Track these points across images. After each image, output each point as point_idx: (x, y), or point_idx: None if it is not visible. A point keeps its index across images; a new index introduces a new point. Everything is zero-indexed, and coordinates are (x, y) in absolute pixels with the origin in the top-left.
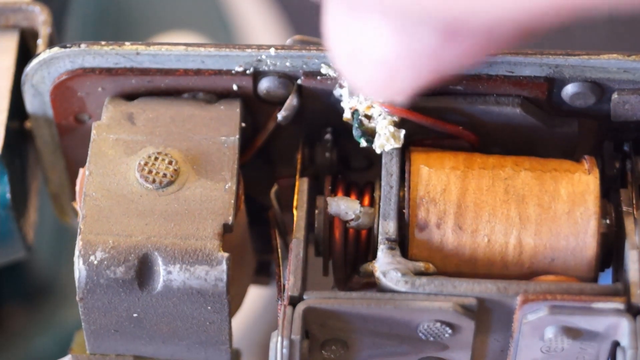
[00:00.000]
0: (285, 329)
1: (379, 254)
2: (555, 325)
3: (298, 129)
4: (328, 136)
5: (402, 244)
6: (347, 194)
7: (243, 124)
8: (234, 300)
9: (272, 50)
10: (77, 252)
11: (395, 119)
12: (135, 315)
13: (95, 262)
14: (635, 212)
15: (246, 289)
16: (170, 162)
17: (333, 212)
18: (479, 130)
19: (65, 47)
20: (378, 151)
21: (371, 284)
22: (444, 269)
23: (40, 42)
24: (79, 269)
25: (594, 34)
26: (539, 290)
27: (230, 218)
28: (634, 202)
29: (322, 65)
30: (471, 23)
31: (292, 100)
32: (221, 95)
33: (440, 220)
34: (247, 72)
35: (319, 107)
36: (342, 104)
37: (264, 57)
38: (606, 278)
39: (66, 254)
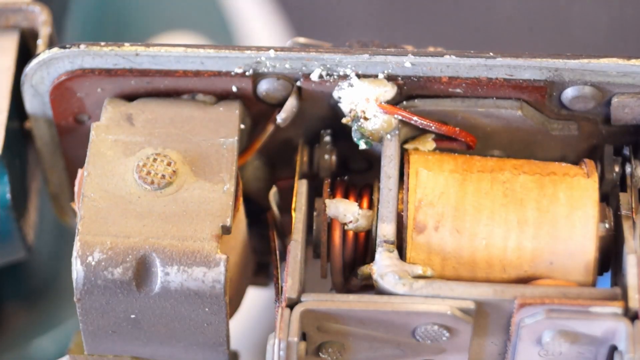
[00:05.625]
0: (283, 331)
1: (377, 256)
2: (552, 329)
3: (297, 131)
4: (327, 138)
5: (400, 246)
6: (345, 196)
7: (242, 126)
8: (233, 301)
9: (271, 52)
10: (74, 253)
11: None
12: (132, 316)
13: (93, 263)
14: (634, 217)
15: (244, 291)
16: (168, 164)
17: (331, 215)
18: (478, 133)
19: (64, 47)
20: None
21: (369, 286)
22: (442, 272)
23: (40, 43)
24: (77, 269)
25: (593, 35)
26: (536, 294)
27: (229, 219)
28: (633, 206)
29: (322, 67)
30: None
31: (291, 102)
32: (220, 97)
33: (439, 223)
34: (247, 73)
35: (318, 109)
36: (341, 106)
37: (263, 58)
38: (605, 282)
39: (66, 254)
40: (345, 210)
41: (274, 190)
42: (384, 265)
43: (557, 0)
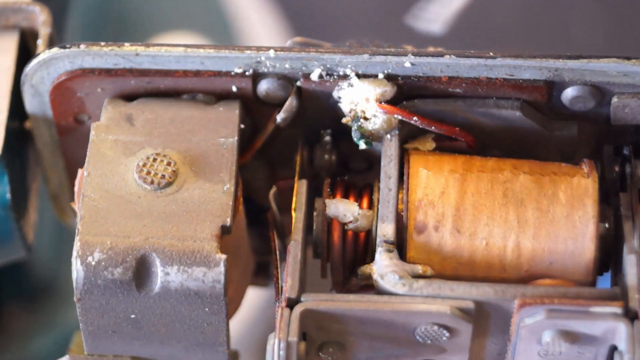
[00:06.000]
0: (283, 331)
1: (377, 256)
2: (552, 329)
3: (297, 131)
4: (327, 138)
5: (400, 246)
6: (345, 196)
7: (242, 126)
8: (233, 301)
9: (271, 52)
10: (74, 253)
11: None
12: (132, 316)
13: (93, 263)
14: (634, 216)
15: (245, 290)
16: (168, 164)
17: (331, 214)
18: (478, 133)
19: (64, 47)
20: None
21: (369, 286)
22: (442, 272)
23: (40, 42)
24: (77, 269)
25: (593, 35)
26: (536, 294)
27: (229, 220)
28: (633, 206)
29: (322, 67)
30: None
31: (291, 102)
32: (220, 97)
33: (439, 223)
34: (247, 73)
35: (318, 109)
36: (341, 106)
37: (263, 58)
38: (605, 282)
39: (66, 254)
40: (345, 210)
41: (274, 190)
42: (384, 265)
43: (557, 0)
